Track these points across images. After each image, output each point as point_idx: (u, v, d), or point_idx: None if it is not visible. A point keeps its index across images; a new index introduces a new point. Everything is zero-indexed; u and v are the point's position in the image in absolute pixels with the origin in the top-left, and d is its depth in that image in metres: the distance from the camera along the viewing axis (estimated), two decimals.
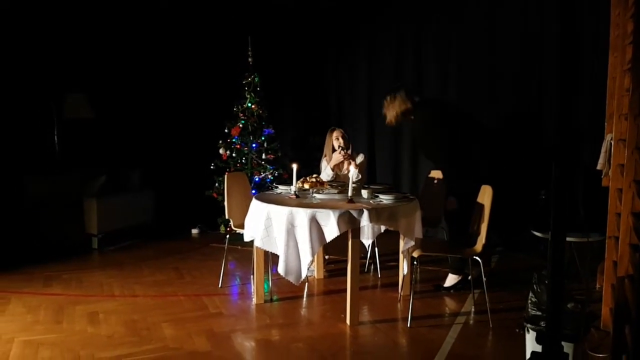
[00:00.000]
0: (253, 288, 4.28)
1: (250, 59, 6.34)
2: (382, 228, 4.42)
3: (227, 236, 4.76)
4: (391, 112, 4.36)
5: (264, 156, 6.31)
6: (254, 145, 6.28)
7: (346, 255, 3.71)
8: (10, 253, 5.38)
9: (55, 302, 4.17)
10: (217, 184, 6.27)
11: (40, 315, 3.88)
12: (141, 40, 6.92)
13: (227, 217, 4.53)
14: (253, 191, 5.11)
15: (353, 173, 4.18)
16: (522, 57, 5.69)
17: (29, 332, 3.57)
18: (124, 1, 6.70)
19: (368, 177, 6.40)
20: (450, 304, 4.23)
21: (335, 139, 4.85)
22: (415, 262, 4.03)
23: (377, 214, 3.63)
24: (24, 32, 6.06)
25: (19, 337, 3.49)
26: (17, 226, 5.65)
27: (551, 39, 5.47)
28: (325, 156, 4.96)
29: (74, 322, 3.76)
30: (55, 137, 6.41)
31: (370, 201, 3.86)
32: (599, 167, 4.15)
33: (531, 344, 2.84)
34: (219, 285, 4.57)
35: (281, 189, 4.34)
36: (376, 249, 4.93)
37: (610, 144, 3.94)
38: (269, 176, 6.25)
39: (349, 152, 4.81)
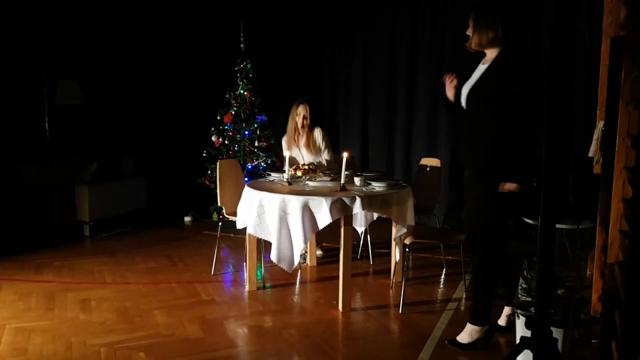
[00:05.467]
0: (246, 275, 4.28)
1: (242, 45, 6.29)
2: (375, 215, 4.42)
3: (220, 224, 4.75)
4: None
5: (256, 143, 6.28)
6: (246, 132, 6.26)
7: (339, 243, 3.72)
8: (1, 240, 5.35)
9: (47, 289, 4.16)
10: (209, 172, 6.25)
11: (31, 302, 3.87)
12: (132, 27, 6.85)
13: (219, 204, 4.52)
14: (246, 179, 5.10)
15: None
16: (515, 43, 5.67)
17: (21, 319, 3.56)
18: None
19: (361, 165, 6.41)
20: (441, 290, 4.26)
21: (298, 115, 4.71)
22: (407, 249, 4.04)
23: (369, 201, 3.63)
24: (16, 19, 5.98)
25: (11, 324, 3.48)
26: (9, 213, 5.62)
27: (545, 22, 5.45)
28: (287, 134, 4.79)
29: (66, 309, 3.76)
30: (47, 124, 6.36)
31: (363, 188, 3.86)
32: (590, 154, 4.16)
33: (521, 329, 2.87)
34: (212, 273, 4.58)
35: (274, 176, 4.33)
36: (368, 236, 4.95)
37: (602, 131, 3.96)
38: (262, 163, 6.23)
39: (307, 125, 4.69)
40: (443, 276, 4.59)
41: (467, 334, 3.21)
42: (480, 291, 3.20)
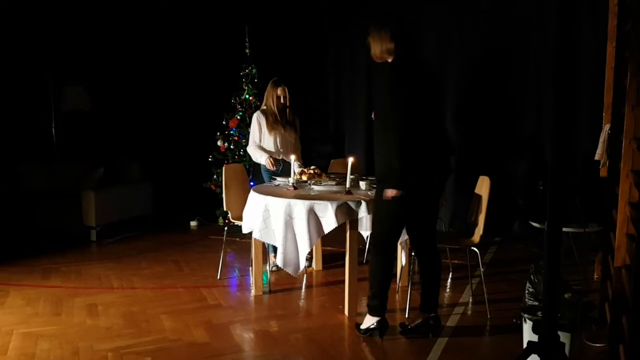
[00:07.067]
0: (252, 279, 4.28)
1: (247, 50, 6.31)
2: None
3: (226, 228, 4.76)
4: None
5: None
6: None
7: (344, 247, 3.72)
8: (9, 245, 5.38)
9: (54, 294, 4.17)
10: (215, 176, 6.27)
11: (39, 308, 3.88)
12: (139, 32, 6.88)
13: (225, 209, 4.53)
14: (251, 183, 5.11)
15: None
16: (520, 45, 5.67)
17: (28, 324, 3.58)
18: None
19: (366, 168, 6.40)
20: (448, 294, 4.25)
21: (279, 98, 4.65)
22: (413, 253, 4.03)
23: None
24: (24, 24, 6.04)
25: (18, 329, 3.50)
26: (16, 218, 5.65)
27: (552, 28, 5.44)
28: (263, 107, 4.72)
29: (73, 314, 3.77)
30: (54, 128, 6.40)
31: (368, 192, 3.85)
32: (596, 157, 4.15)
33: (528, 334, 2.86)
34: (218, 277, 4.58)
35: (279, 180, 4.34)
36: None
37: (609, 134, 3.94)
38: None
39: (289, 105, 4.69)
40: (449, 280, 4.57)
41: (365, 321, 3.44)
42: (374, 285, 3.39)
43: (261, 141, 4.65)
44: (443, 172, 3.38)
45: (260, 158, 4.59)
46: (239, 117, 6.24)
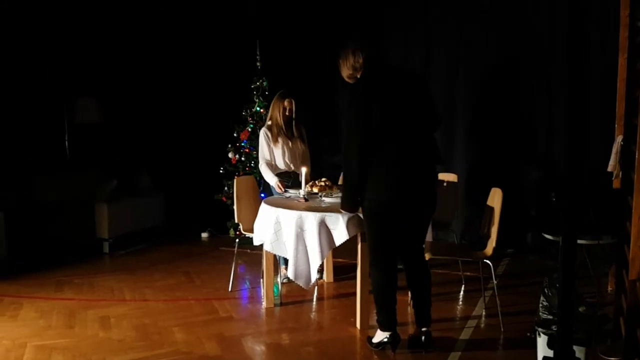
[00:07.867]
0: (263, 292, 4.28)
1: (258, 63, 6.36)
2: None
3: (237, 240, 4.77)
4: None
5: None
6: None
7: (356, 259, 3.71)
8: (22, 257, 5.43)
9: (67, 306, 4.20)
10: (226, 188, 6.29)
11: (52, 320, 3.91)
12: (150, 45, 6.97)
13: (236, 221, 4.54)
14: (262, 195, 5.13)
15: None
16: (530, 56, 5.66)
17: (42, 337, 3.60)
18: (134, 7, 6.77)
19: None
20: (461, 307, 4.22)
21: (285, 109, 4.64)
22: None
23: None
24: (37, 37, 6.12)
25: (32, 342, 3.52)
26: (29, 231, 5.69)
27: (562, 39, 5.43)
28: (268, 122, 4.70)
29: (86, 326, 3.79)
30: (66, 141, 6.47)
31: None
32: (609, 168, 4.12)
33: (543, 348, 2.83)
34: (229, 289, 4.59)
35: (290, 192, 4.35)
36: None
37: (621, 145, 3.92)
38: None
39: (294, 117, 4.68)
40: (462, 293, 4.54)
41: (376, 336, 3.40)
42: (378, 301, 3.37)
43: (271, 156, 4.65)
44: (428, 183, 3.26)
45: (270, 180, 4.57)
46: (249, 129, 6.27)
